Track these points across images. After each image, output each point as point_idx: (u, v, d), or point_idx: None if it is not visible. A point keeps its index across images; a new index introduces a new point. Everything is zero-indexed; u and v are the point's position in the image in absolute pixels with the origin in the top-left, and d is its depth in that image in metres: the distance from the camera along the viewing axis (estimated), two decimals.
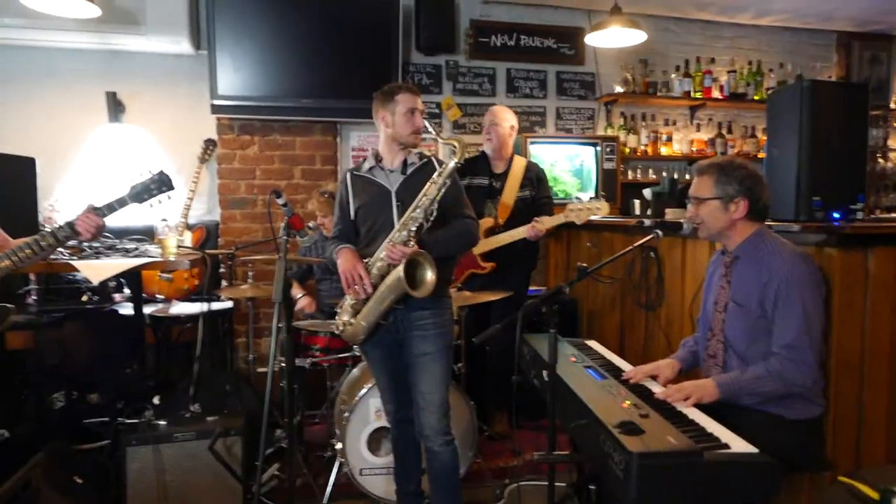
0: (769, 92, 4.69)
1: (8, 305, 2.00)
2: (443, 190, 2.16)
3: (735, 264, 2.06)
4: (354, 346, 2.93)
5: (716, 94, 4.86)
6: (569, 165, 4.36)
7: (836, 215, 2.27)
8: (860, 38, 5.29)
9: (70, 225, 1.94)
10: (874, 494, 1.49)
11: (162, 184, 2.11)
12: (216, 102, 3.89)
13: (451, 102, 4.50)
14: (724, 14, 4.86)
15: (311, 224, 3.43)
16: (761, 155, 4.76)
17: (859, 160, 2.35)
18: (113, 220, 3.46)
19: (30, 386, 3.10)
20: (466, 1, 4.49)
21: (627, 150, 4.71)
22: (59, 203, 3.74)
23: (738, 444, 1.56)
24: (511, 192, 3.43)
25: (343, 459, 2.75)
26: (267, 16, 3.91)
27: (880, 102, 5.28)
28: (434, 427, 2.23)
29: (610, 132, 4.72)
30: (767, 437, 1.70)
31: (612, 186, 4.37)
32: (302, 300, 3.51)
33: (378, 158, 2.33)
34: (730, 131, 5.02)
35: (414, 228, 2.14)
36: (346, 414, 2.73)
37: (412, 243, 2.14)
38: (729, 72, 4.91)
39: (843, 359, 2.06)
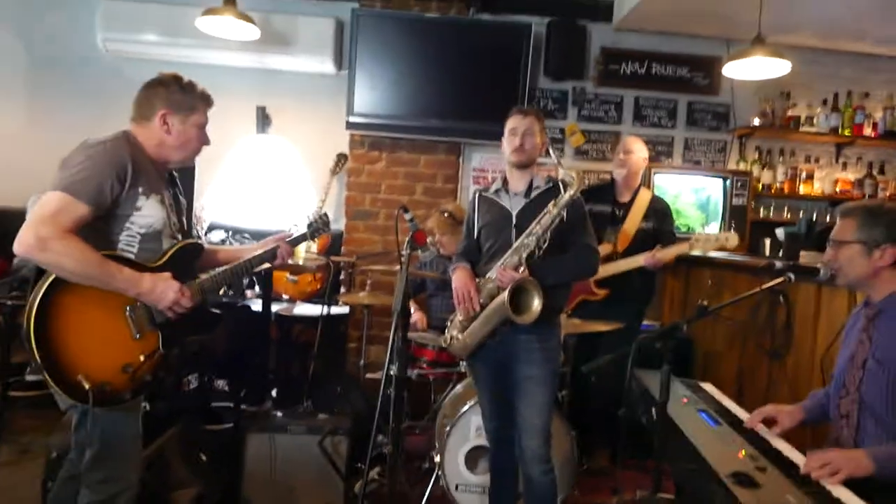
0: None
1: (220, 314, 2.21)
2: (556, 220, 2.18)
3: (879, 318, 1.88)
4: (461, 362, 2.99)
5: (868, 131, 4.47)
6: (693, 198, 4.20)
7: None
8: None
9: (273, 252, 2.22)
10: None
11: (326, 225, 2.49)
12: (351, 119, 4.16)
13: (575, 129, 4.49)
14: (883, 45, 4.47)
15: (428, 240, 3.57)
16: None
17: None
18: (252, 224, 3.80)
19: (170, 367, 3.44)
20: (598, 28, 4.48)
21: (760, 187, 4.45)
22: (208, 204, 4.16)
23: None
24: (633, 222, 3.38)
25: (440, 472, 2.80)
26: (404, 39, 4.13)
27: None
28: (534, 452, 2.23)
29: (742, 166, 4.48)
30: None
31: (742, 223, 4.15)
32: (415, 314, 3.63)
33: (505, 181, 2.40)
34: (882, 172, 4.59)
35: (525, 255, 2.17)
36: (448, 428, 2.79)
37: (523, 269, 2.17)
38: (885, 108, 4.50)
39: None
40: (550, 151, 2.35)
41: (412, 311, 3.66)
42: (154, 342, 1.87)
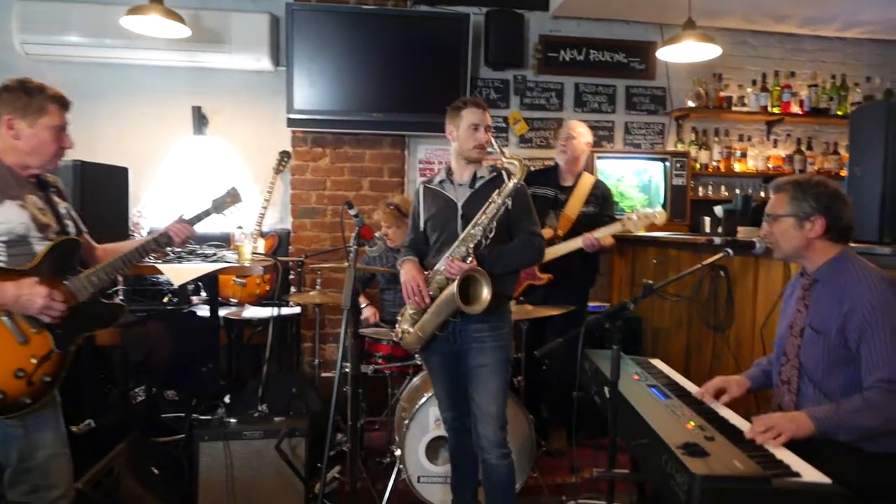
0: (854, 106, 4.48)
1: (122, 304, 2.20)
2: (502, 209, 2.20)
3: (814, 288, 1.97)
4: (416, 355, 2.98)
5: (795, 109, 4.67)
6: (636, 181, 4.30)
7: None
8: None
9: (166, 233, 2.17)
10: None
11: (235, 198, 2.40)
12: (292, 116, 4.08)
13: (518, 117, 4.53)
14: (807, 26, 4.68)
15: (377, 234, 3.54)
16: (843, 173, 4.52)
17: None
18: (195, 228, 3.68)
19: (115, 380, 3.32)
20: (536, 16, 4.52)
21: (698, 167, 4.59)
22: (146, 209, 4.01)
23: (810, 474, 1.50)
24: (575, 206, 3.44)
25: (402, 466, 2.79)
26: (342, 34, 4.07)
27: None
28: (490, 439, 2.25)
29: (680, 147, 4.62)
30: (842, 469, 1.62)
31: (682, 203, 4.28)
32: (366, 310, 3.60)
33: (449, 172, 2.39)
34: (809, 147, 4.81)
35: (472, 245, 2.18)
36: (406, 421, 2.78)
37: (471, 259, 2.17)
38: (810, 86, 4.72)
39: None
40: (493, 141, 2.36)
41: (363, 306, 3.63)
42: (46, 343, 1.85)
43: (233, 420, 2.73)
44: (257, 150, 4.29)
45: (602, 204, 3.49)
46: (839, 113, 4.67)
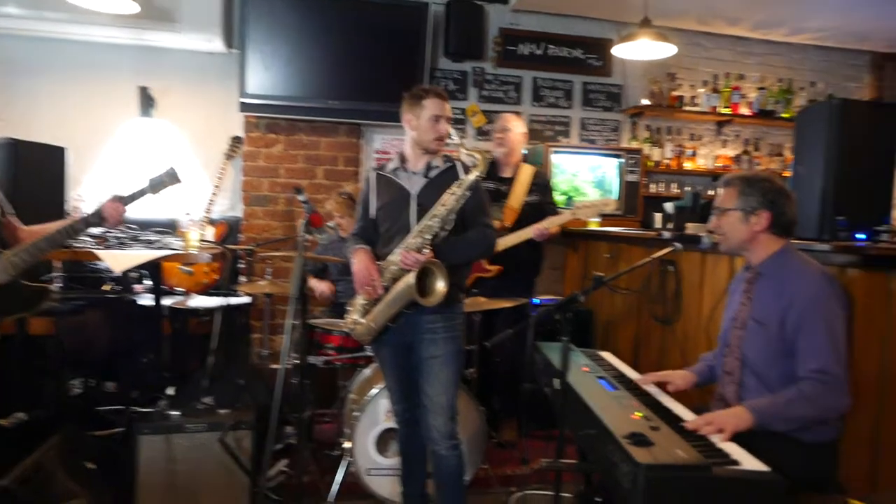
0: (799, 110, 4.63)
1: (47, 286, 2.09)
2: (461, 202, 2.17)
3: (757, 281, 2.02)
4: (367, 347, 2.94)
5: (744, 110, 4.81)
6: (591, 176, 4.34)
7: (860, 236, 2.23)
8: (893, 60, 5.19)
9: (97, 212, 2.06)
10: None
11: (173, 178, 2.31)
12: (245, 101, 3.96)
13: (476, 109, 4.52)
14: (757, 30, 4.82)
15: (330, 224, 3.48)
16: (787, 173, 4.68)
17: (887, 182, 2.31)
18: (138, 213, 3.54)
19: (49, 372, 3.16)
20: (496, 9, 4.52)
21: (651, 164, 4.68)
22: (87, 193, 3.83)
23: (749, 462, 1.53)
24: (518, 196, 3.48)
25: (351, 459, 2.75)
26: (298, 17, 3.97)
27: None
28: (440, 430, 2.23)
29: (634, 145, 4.69)
30: (779, 457, 1.66)
31: (635, 199, 4.34)
32: (320, 286, 3.52)
33: (403, 160, 2.34)
34: (756, 149, 4.96)
35: (429, 237, 2.15)
36: (356, 413, 2.74)
37: (427, 251, 2.14)
38: (759, 88, 4.86)
39: (861, 382, 2.01)
40: (453, 133, 2.32)
41: (316, 283, 3.56)
42: None
43: (175, 412, 2.64)
44: (208, 135, 4.15)
45: (544, 192, 3.56)
46: (785, 116, 4.83)
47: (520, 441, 3.49)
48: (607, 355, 2.60)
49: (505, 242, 3.34)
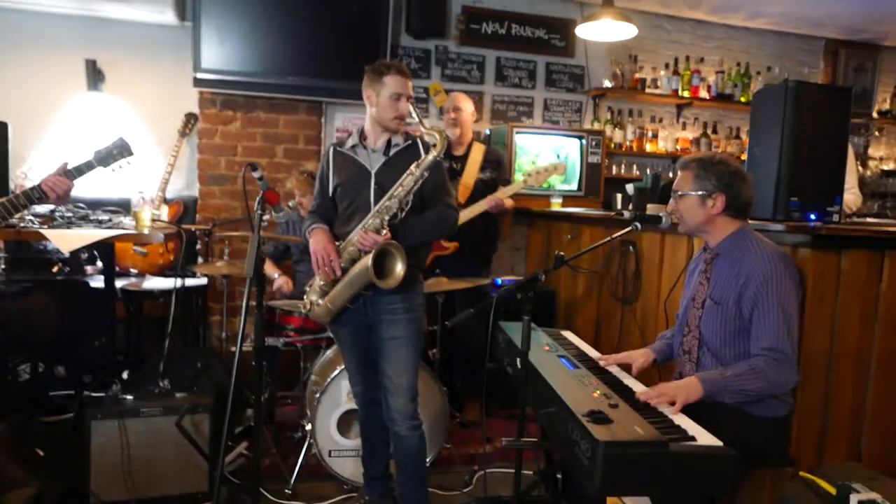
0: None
1: None
2: (419, 182, 2.13)
3: (715, 261, 2.06)
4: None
5: (703, 93, 4.88)
6: (553, 157, 4.35)
7: (812, 217, 2.28)
8: (847, 46, 5.33)
9: (38, 186, 1.94)
10: (832, 490, 1.51)
11: (123, 150, 2.23)
12: (199, 76, 3.82)
13: (439, 88, 4.47)
14: (716, 14, 4.87)
15: (290, 203, 3.40)
16: (744, 157, 4.79)
17: (839, 164, 2.36)
18: (88, 191, 3.40)
19: None
20: None
21: (613, 145, 4.72)
22: (32, 171, 3.65)
23: (704, 438, 1.57)
24: (471, 173, 3.51)
25: (312, 440, 2.73)
26: None
27: (863, 111, 5.34)
28: (401, 411, 2.22)
29: (596, 126, 4.72)
30: (734, 433, 1.71)
31: (596, 180, 4.38)
32: (278, 280, 3.47)
33: (362, 136, 2.28)
34: (715, 131, 5.05)
35: (388, 217, 2.11)
36: (318, 395, 2.71)
37: (385, 231, 2.11)
38: (717, 72, 4.93)
39: (811, 359, 2.08)
40: (413, 112, 2.27)
41: (276, 276, 3.50)
42: None
43: (129, 397, 2.57)
44: (161, 111, 4.00)
45: (497, 168, 3.59)
46: (742, 100, 4.92)
47: (483, 420, 3.52)
48: (568, 334, 2.63)
49: (460, 217, 3.37)
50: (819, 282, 2.08)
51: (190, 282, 3.49)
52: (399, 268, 2.08)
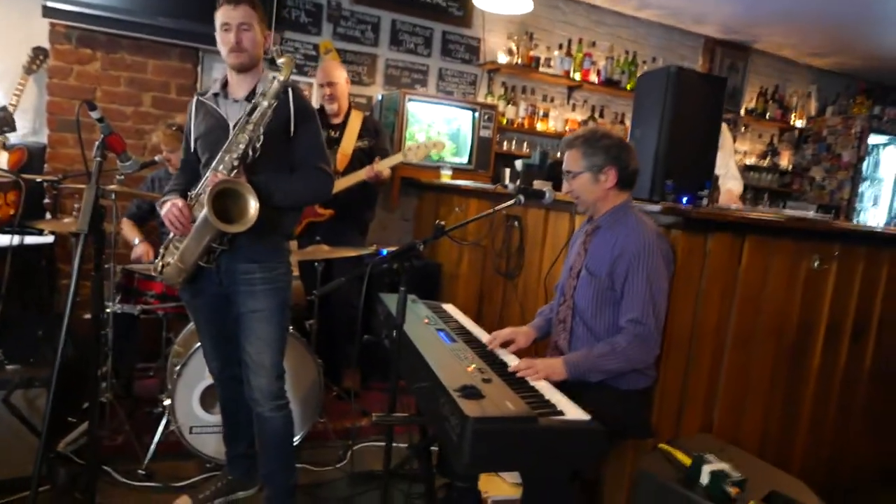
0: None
1: None
2: (269, 112, 1.88)
3: (596, 233, 2.08)
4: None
5: (593, 77, 4.99)
6: (446, 129, 4.28)
7: (684, 199, 2.37)
8: (723, 46, 5.68)
9: None
10: (687, 461, 1.57)
11: None
12: (49, 4, 3.33)
13: (330, 46, 4.23)
14: (608, 0, 4.99)
15: (157, 157, 3.08)
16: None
17: (710, 149, 2.47)
18: None
19: None
20: None
21: (505, 121, 4.73)
22: None
23: (573, 412, 1.57)
24: (349, 141, 3.41)
25: (171, 416, 2.51)
26: None
27: (733, 108, 5.73)
28: (263, 391, 2.05)
29: (490, 100, 4.70)
30: (600, 405, 1.75)
31: (487, 155, 4.37)
32: (139, 247, 3.14)
33: (224, 84, 2.05)
34: (601, 115, 5.20)
35: (237, 155, 1.87)
36: (178, 367, 2.49)
37: (236, 172, 1.88)
38: (607, 58, 5.07)
39: (675, 335, 2.17)
40: (275, 56, 1.94)
41: (136, 242, 3.17)
42: None
43: None
44: (1, 42, 3.46)
45: (376, 137, 3.50)
46: (628, 87, 5.10)
47: (360, 392, 3.44)
48: (450, 307, 2.59)
49: (338, 185, 3.26)
50: (687, 262, 2.16)
51: (32, 239, 3.07)
52: (251, 209, 1.83)
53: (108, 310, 2.65)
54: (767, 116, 5.95)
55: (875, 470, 2.92)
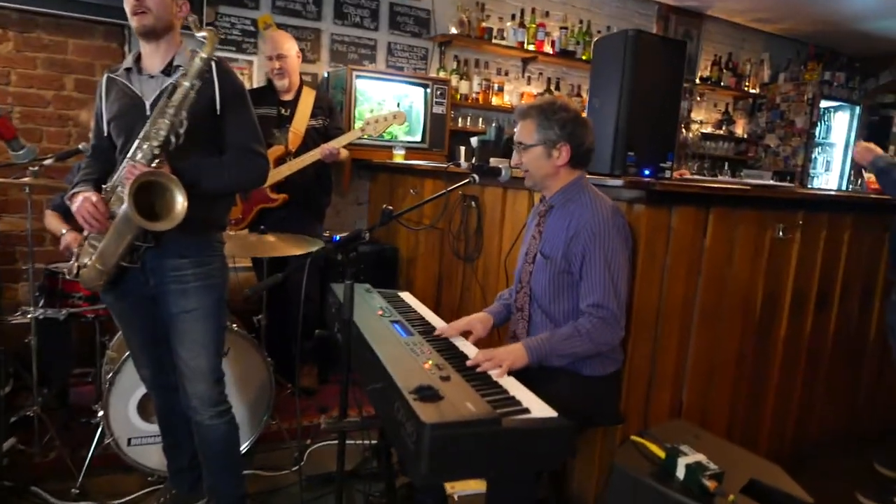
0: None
1: None
2: (192, 94, 1.69)
3: (549, 214, 1.96)
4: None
5: (547, 48, 4.84)
6: (397, 106, 4.08)
7: (646, 172, 2.27)
8: (677, 13, 5.60)
9: None
10: (661, 454, 1.47)
11: None
12: None
13: (270, 21, 3.97)
14: None
15: (81, 146, 2.81)
16: (584, 114, 4.86)
17: (672, 119, 2.37)
18: None
19: None
20: None
21: (458, 97, 4.55)
22: None
23: (538, 409, 1.45)
24: (302, 120, 3.21)
25: (106, 428, 2.30)
26: None
27: (688, 76, 5.67)
28: (202, 398, 1.87)
29: (442, 75, 4.51)
30: (565, 394, 1.64)
31: (441, 132, 4.19)
32: (66, 236, 2.87)
33: (138, 59, 1.83)
34: (557, 88, 5.08)
35: (157, 143, 1.66)
36: (111, 375, 2.28)
37: (159, 163, 1.67)
38: (561, 28, 4.93)
39: (641, 316, 2.08)
40: (193, 28, 1.71)
41: (64, 231, 2.91)
42: None
43: None
44: None
45: (329, 115, 3.33)
46: (584, 58, 4.97)
47: (319, 388, 3.28)
48: (406, 296, 2.43)
49: (290, 167, 3.09)
50: (652, 238, 2.06)
51: None
52: (178, 204, 1.64)
53: (29, 315, 2.42)
54: (722, 84, 5.92)
55: (839, 435, 2.92)
